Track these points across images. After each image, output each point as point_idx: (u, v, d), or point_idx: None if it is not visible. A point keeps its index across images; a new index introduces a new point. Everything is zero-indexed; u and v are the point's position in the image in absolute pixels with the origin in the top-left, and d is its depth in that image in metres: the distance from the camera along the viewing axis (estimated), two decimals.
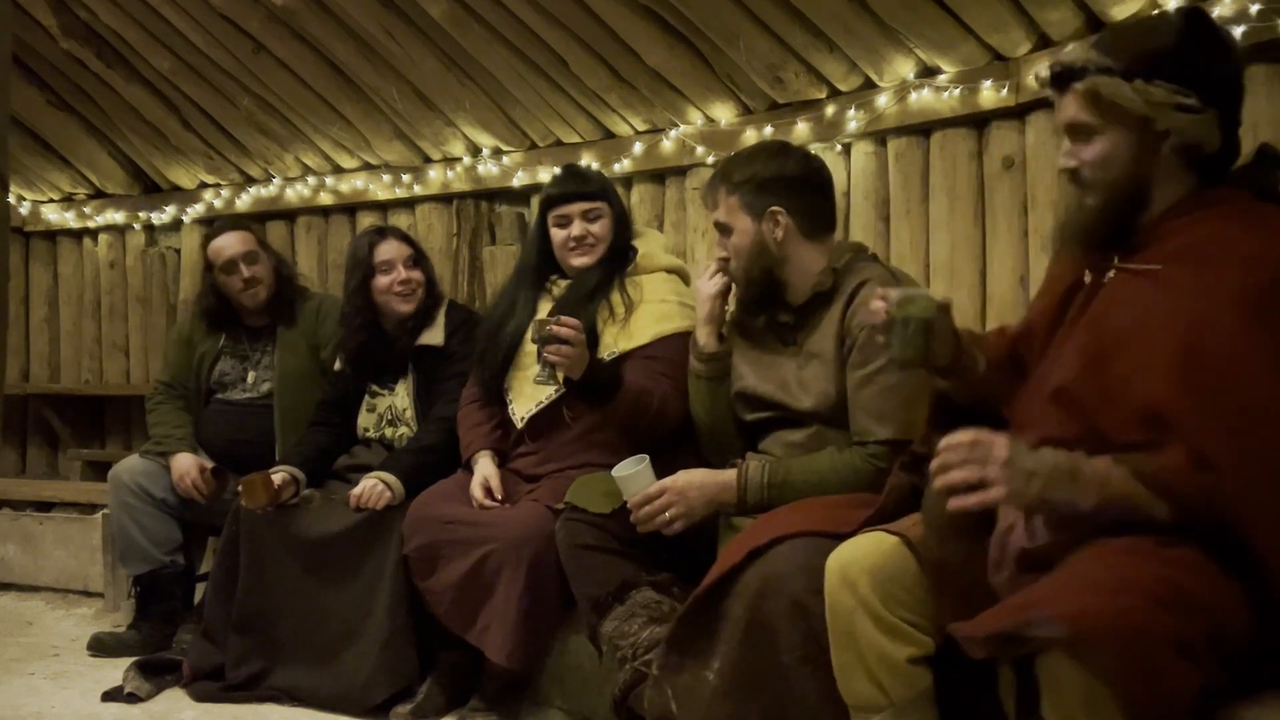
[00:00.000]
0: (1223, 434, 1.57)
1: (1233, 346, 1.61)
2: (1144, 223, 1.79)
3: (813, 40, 3.52)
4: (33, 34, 4.67)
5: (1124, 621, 1.39)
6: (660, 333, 2.82)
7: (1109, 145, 1.76)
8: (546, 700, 2.82)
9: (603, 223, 2.93)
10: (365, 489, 3.00)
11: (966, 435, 1.63)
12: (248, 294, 3.69)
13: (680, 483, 2.35)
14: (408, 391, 3.29)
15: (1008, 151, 3.41)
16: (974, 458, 1.61)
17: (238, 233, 3.75)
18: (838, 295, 2.39)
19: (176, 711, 3.03)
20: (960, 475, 1.61)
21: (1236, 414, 1.59)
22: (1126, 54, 1.74)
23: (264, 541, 3.10)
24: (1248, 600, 1.55)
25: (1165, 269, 1.72)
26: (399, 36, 4.12)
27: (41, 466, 5.62)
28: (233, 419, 3.68)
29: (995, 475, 1.59)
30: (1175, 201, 1.77)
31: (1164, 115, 1.71)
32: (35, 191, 5.56)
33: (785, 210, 2.41)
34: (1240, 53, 1.84)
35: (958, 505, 1.61)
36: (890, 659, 1.77)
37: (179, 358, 3.81)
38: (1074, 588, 1.47)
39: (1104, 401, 1.68)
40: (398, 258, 3.28)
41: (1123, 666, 1.36)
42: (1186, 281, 1.68)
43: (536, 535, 2.64)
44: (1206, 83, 1.73)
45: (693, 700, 2.02)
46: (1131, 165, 1.76)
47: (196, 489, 3.49)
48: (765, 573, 1.95)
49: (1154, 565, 1.50)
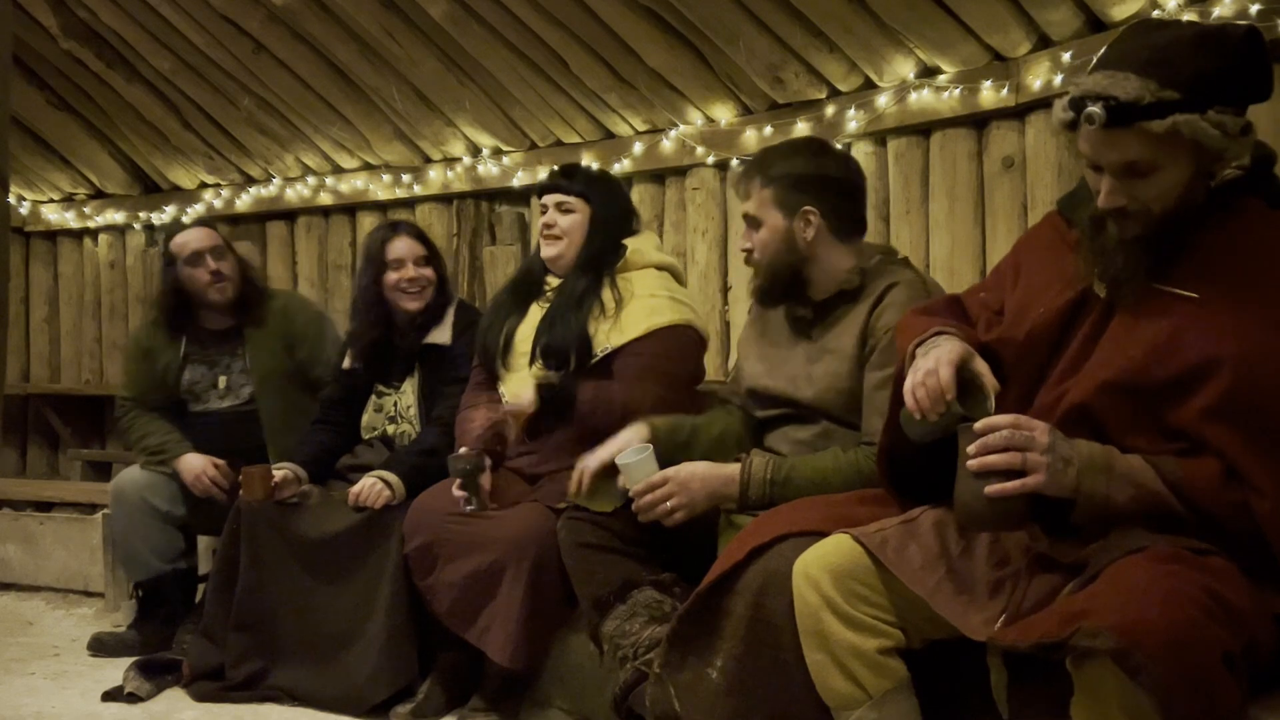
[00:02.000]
0: (1263, 455, 1.56)
1: (1276, 367, 1.59)
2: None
3: (813, 40, 3.53)
4: (33, 34, 4.67)
5: (1176, 635, 1.38)
6: (652, 326, 2.82)
7: (1169, 181, 1.64)
8: (547, 700, 2.81)
9: (573, 218, 2.93)
10: (365, 487, 3.00)
11: (1007, 418, 1.60)
12: (215, 288, 3.55)
13: (683, 474, 2.34)
14: (413, 390, 3.27)
15: (1008, 151, 3.41)
16: (1015, 443, 1.58)
17: (203, 229, 3.67)
18: (864, 295, 2.38)
19: (176, 711, 3.02)
20: (1002, 459, 1.58)
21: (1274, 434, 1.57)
22: (1186, 81, 1.59)
23: (264, 541, 3.10)
24: (1271, 612, 1.55)
25: (1200, 291, 1.66)
26: (399, 37, 4.12)
27: (42, 466, 5.62)
28: (217, 430, 3.57)
29: (1035, 461, 1.57)
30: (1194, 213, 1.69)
31: (1235, 145, 1.63)
32: (35, 191, 5.56)
33: (819, 211, 2.39)
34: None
35: (996, 491, 1.58)
36: (861, 651, 1.76)
37: (141, 371, 3.66)
38: (1123, 599, 1.45)
39: (1137, 424, 1.65)
40: (409, 255, 3.25)
41: (1174, 679, 1.35)
42: (1221, 302, 1.64)
43: (538, 535, 2.64)
44: (1252, 101, 1.66)
45: (695, 698, 2.02)
46: (1185, 196, 1.66)
47: (215, 484, 3.43)
48: (768, 570, 1.94)
49: (1197, 575, 1.50)
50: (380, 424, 3.31)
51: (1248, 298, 1.63)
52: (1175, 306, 1.67)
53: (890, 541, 1.78)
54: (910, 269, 2.46)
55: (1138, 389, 1.65)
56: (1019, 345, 1.84)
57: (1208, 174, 1.66)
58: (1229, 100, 1.61)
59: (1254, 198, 1.73)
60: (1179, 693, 1.35)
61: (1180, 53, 1.63)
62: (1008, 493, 1.58)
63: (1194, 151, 1.63)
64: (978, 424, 1.61)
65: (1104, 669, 1.40)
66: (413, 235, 3.32)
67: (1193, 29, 1.69)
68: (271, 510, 3.11)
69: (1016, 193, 3.40)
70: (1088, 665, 1.43)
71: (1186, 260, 1.69)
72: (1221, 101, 1.60)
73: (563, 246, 2.93)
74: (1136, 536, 1.59)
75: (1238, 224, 1.69)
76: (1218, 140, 1.59)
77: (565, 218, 2.93)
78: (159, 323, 3.68)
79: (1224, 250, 1.68)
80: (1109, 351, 1.70)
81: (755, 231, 2.43)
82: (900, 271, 2.41)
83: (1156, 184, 1.65)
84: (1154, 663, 1.35)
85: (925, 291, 2.36)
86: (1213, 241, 1.69)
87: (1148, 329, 1.67)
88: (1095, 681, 1.43)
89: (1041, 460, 1.57)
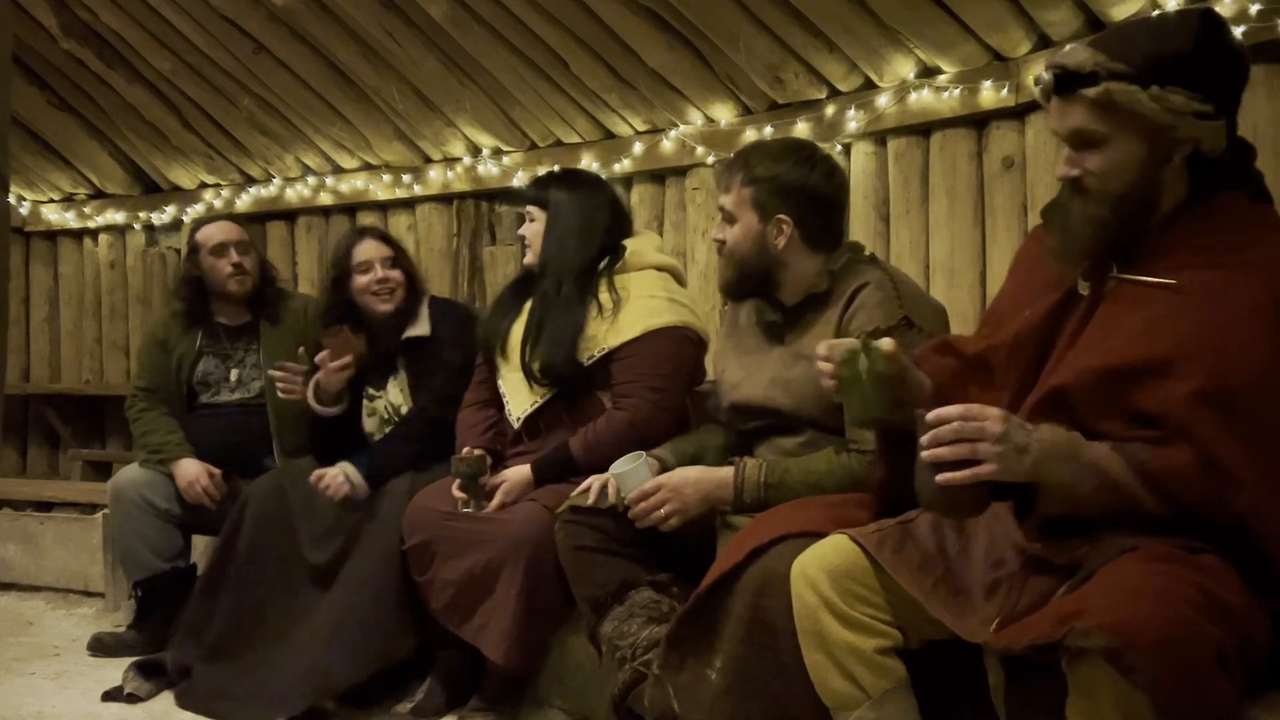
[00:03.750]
0: (1241, 445, 1.55)
1: (1254, 356, 1.59)
2: (1144, 229, 1.74)
3: (813, 40, 3.53)
4: (33, 34, 4.67)
5: (1169, 633, 1.37)
6: (649, 327, 2.82)
7: (1119, 155, 1.67)
8: (546, 700, 2.81)
9: (532, 227, 2.96)
10: (330, 477, 3.04)
11: (957, 409, 1.60)
12: (235, 279, 3.62)
13: (676, 480, 2.35)
14: (400, 388, 3.27)
15: (1008, 151, 3.41)
16: (965, 433, 1.58)
17: (229, 223, 3.75)
18: (834, 298, 2.37)
19: (176, 711, 3.02)
20: (950, 451, 1.58)
21: (1257, 425, 1.57)
22: (1139, 58, 1.64)
23: (264, 547, 3.09)
24: (1266, 610, 1.55)
25: (1177, 279, 1.66)
26: (399, 37, 4.13)
27: (42, 466, 5.63)
28: (223, 422, 3.62)
29: (986, 451, 1.57)
30: (1175, 207, 1.72)
31: (1185, 124, 1.64)
32: (35, 191, 5.56)
33: (792, 221, 2.36)
34: (1248, 56, 1.77)
35: (947, 480, 1.58)
36: (859, 652, 1.76)
37: (155, 361, 3.71)
38: (1117, 597, 1.45)
39: (1110, 408, 1.65)
40: (375, 258, 3.26)
41: (1168, 678, 1.35)
42: (1200, 288, 1.64)
43: (536, 535, 2.64)
44: (1220, 88, 1.66)
45: (694, 699, 2.02)
46: (1142, 175, 1.68)
47: (207, 494, 3.47)
48: (766, 570, 1.94)
49: (1191, 573, 1.49)
50: (376, 428, 3.29)
51: (1225, 288, 1.63)
52: (1155, 296, 1.67)
53: (888, 542, 1.78)
54: (878, 267, 2.43)
55: (1113, 373, 1.65)
56: (1007, 348, 1.86)
57: (1164, 156, 1.68)
58: (1185, 82, 1.63)
59: (1236, 192, 1.74)
60: (1173, 691, 1.35)
61: (1139, 32, 1.71)
62: (957, 482, 1.58)
63: (1145, 129, 1.66)
64: (930, 415, 1.61)
65: (1098, 669, 1.40)
66: (377, 238, 3.34)
67: (1161, 14, 1.75)
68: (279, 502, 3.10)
69: (1016, 193, 3.40)
70: (1081, 665, 1.43)
71: (1166, 253, 1.70)
72: (1177, 82, 1.63)
73: (530, 254, 2.96)
74: (1129, 537, 1.59)
75: (1219, 216, 1.70)
76: (1157, 113, 1.62)
77: (529, 226, 2.97)
78: (177, 314, 3.75)
79: (1204, 242, 1.69)
80: (1090, 339, 1.72)
81: (729, 226, 2.42)
82: (869, 270, 2.39)
83: (1107, 157, 1.68)
84: (1148, 661, 1.35)
85: (894, 289, 2.34)
86: (1194, 233, 1.70)
87: (1126, 318, 1.68)
88: (1089, 682, 1.43)
89: (993, 450, 1.56)
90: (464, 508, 2.76)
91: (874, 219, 3.69)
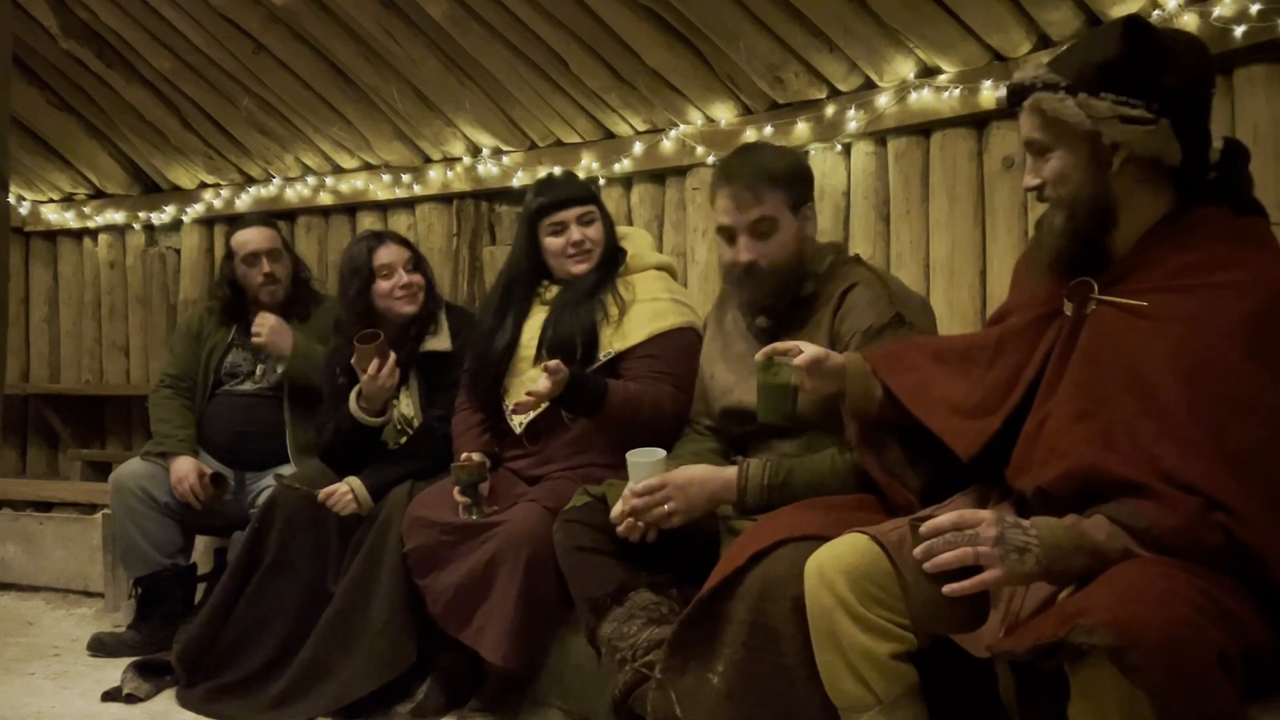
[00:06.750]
0: (1229, 475, 1.56)
1: (1234, 380, 1.59)
2: (1120, 248, 1.76)
3: (813, 40, 3.52)
4: (33, 34, 4.67)
5: (1172, 633, 1.38)
6: (655, 330, 2.82)
7: (1061, 163, 1.76)
8: (546, 701, 2.81)
9: (596, 226, 2.94)
10: (337, 494, 3.03)
11: (947, 519, 1.59)
12: (267, 290, 3.74)
13: (681, 477, 2.33)
14: (412, 400, 3.23)
15: (1008, 151, 3.41)
16: (962, 541, 1.57)
17: (264, 228, 3.82)
18: (822, 301, 2.37)
19: (176, 711, 3.03)
20: (952, 557, 1.56)
21: (1243, 452, 1.57)
22: (1073, 68, 1.72)
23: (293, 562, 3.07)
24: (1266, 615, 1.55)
25: (1152, 303, 1.69)
26: (399, 37, 4.12)
27: (41, 466, 5.62)
28: (240, 410, 3.70)
29: (988, 555, 1.55)
30: (1153, 224, 1.74)
31: (1109, 128, 1.69)
32: (35, 191, 5.56)
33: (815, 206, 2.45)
34: (1199, 58, 1.77)
35: (954, 591, 1.56)
36: (873, 655, 1.76)
37: (186, 350, 3.83)
38: (1119, 597, 1.45)
39: (1104, 447, 1.65)
40: (398, 261, 3.24)
41: (1169, 677, 1.35)
42: (1176, 315, 1.65)
43: (534, 536, 2.64)
44: (1156, 92, 1.69)
45: (697, 703, 2.02)
46: (1087, 181, 1.74)
47: (194, 494, 3.49)
48: (768, 575, 1.94)
49: (1193, 577, 1.50)
50: (393, 437, 3.22)
51: (1192, 303, 1.64)
52: (1134, 326, 1.70)
53: (906, 542, 1.78)
54: (864, 266, 2.44)
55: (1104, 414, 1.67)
56: (990, 348, 1.94)
57: (1105, 161, 1.72)
58: (1115, 88, 1.68)
59: (1217, 206, 1.74)
60: (1174, 691, 1.36)
61: (1081, 44, 1.81)
62: (964, 592, 1.55)
63: (1078, 136, 1.72)
64: (922, 527, 1.60)
65: (1100, 670, 1.41)
66: (398, 242, 3.32)
67: (1105, 27, 1.82)
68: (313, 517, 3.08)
69: (1016, 193, 3.39)
70: (1084, 667, 1.43)
71: (1145, 273, 1.72)
72: (1108, 89, 1.68)
73: (596, 257, 2.93)
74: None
75: (1199, 232, 1.72)
76: (1079, 119, 1.69)
77: (591, 228, 2.93)
78: (213, 310, 3.86)
79: (1182, 261, 1.70)
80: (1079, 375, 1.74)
81: (764, 240, 2.37)
82: (855, 270, 2.40)
83: (1054, 164, 1.76)
84: (1149, 660, 1.35)
85: (884, 288, 2.35)
86: (1173, 250, 1.71)
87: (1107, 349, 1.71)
88: (1092, 683, 1.44)
89: (993, 554, 1.55)
90: (465, 514, 2.76)
91: (874, 219, 3.68)
